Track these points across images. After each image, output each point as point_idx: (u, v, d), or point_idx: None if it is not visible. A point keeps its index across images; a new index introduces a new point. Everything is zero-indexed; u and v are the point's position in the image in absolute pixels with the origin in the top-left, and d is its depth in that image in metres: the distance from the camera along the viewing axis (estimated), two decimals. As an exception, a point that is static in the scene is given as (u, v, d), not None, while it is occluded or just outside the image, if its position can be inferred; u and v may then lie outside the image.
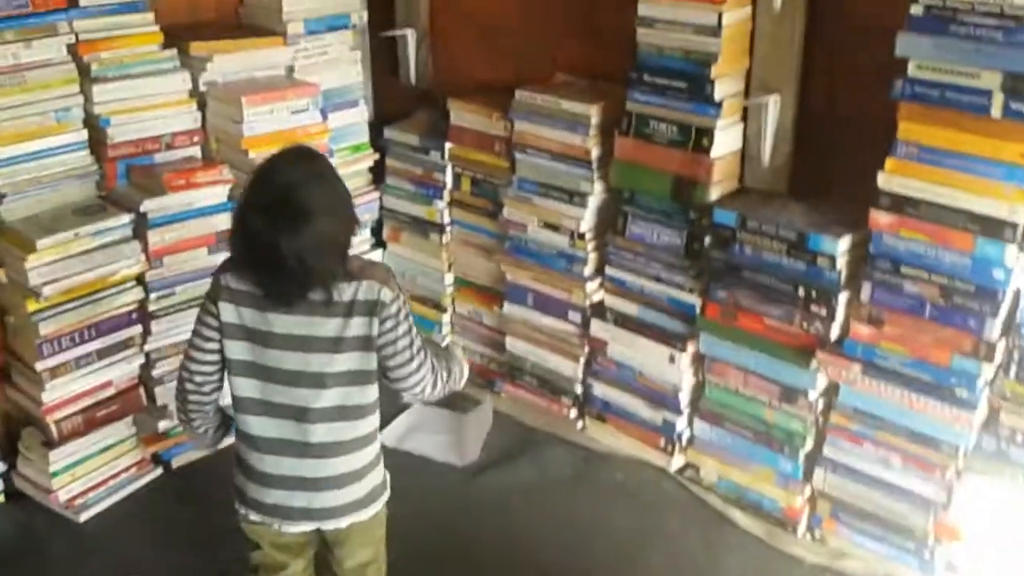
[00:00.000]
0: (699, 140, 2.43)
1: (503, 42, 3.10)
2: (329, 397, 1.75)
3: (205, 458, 2.81)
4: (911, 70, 2.02)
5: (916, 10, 2.00)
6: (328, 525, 1.85)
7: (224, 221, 2.72)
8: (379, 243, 3.33)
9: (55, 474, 2.59)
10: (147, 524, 2.61)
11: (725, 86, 2.40)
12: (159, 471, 2.79)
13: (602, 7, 2.82)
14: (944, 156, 2.05)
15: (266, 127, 2.75)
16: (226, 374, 1.81)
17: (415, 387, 1.82)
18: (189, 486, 2.75)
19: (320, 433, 1.76)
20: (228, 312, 1.75)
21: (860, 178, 2.32)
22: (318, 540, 1.94)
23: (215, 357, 1.79)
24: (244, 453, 1.84)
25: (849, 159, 2.42)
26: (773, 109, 2.39)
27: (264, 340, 1.74)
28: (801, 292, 2.31)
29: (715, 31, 2.32)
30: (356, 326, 1.72)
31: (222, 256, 2.68)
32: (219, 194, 2.73)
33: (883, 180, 2.13)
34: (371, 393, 1.80)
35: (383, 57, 3.30)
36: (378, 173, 3.25)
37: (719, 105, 2.39)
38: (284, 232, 1.61)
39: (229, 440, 1.93)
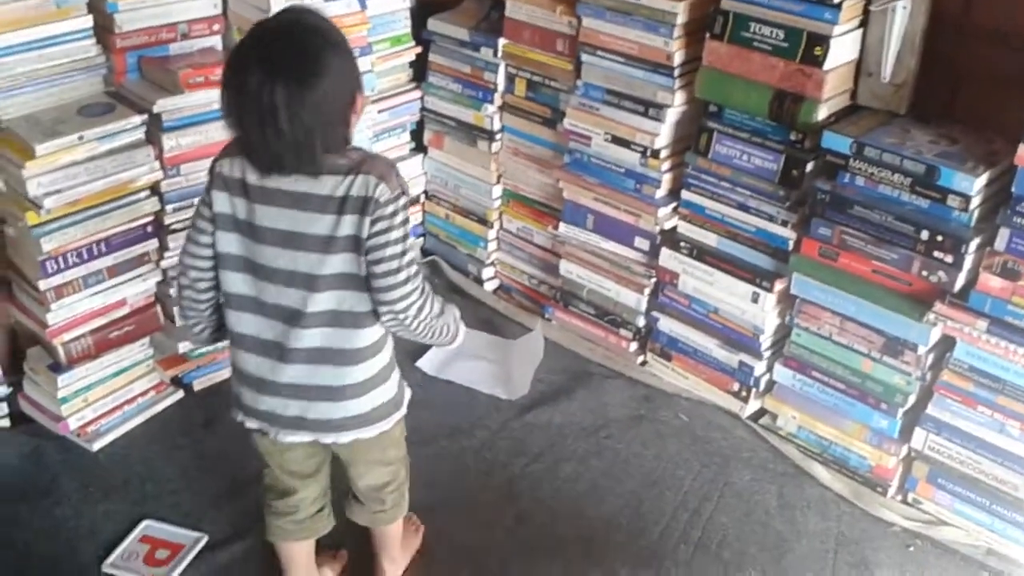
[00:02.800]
0: (810, 48, 2.07)
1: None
2: (322, 301, 1.58)
3: (229, 381, 2.59)
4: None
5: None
6: (326, 439, 1.71)
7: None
8: (419, 147, 3.00)
9: (64, 400, 2.35)
10: (167, 450, 2.38)
11: (846, -14, 2.03)
12: (180, 394, 2.55)
13: None
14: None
15: (298, 15, 2.38)
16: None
17: (398, 303, 1.58)
18: (214, 409, 2.49)
19: (313, 339, 1.60)
20: (221, 202, 1.60)
21: (998, 102, 2.00)
22: (327, 462, 1.84)
23: (208, 252, 1.64)
24: (236, 355, 1.70)
25: (985, 79, 2.08)
26: (901, 14, 2.02)
27: (254, 234, 1.58)
28: (924, 235, 1.99)
29: (841, -84, 1.94)
30: (347, 225, 1.54)
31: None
32: (244, 93, 2.39)
33: (1039, 109, 1.79)
34: (368, 300, 1.60)
35: (429, -64, 2.90)
36: (419, 69, 2.89)
37: (838, 7, 2.02)
38: (285, 84, 1.43)
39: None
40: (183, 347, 2.51)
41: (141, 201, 2.31)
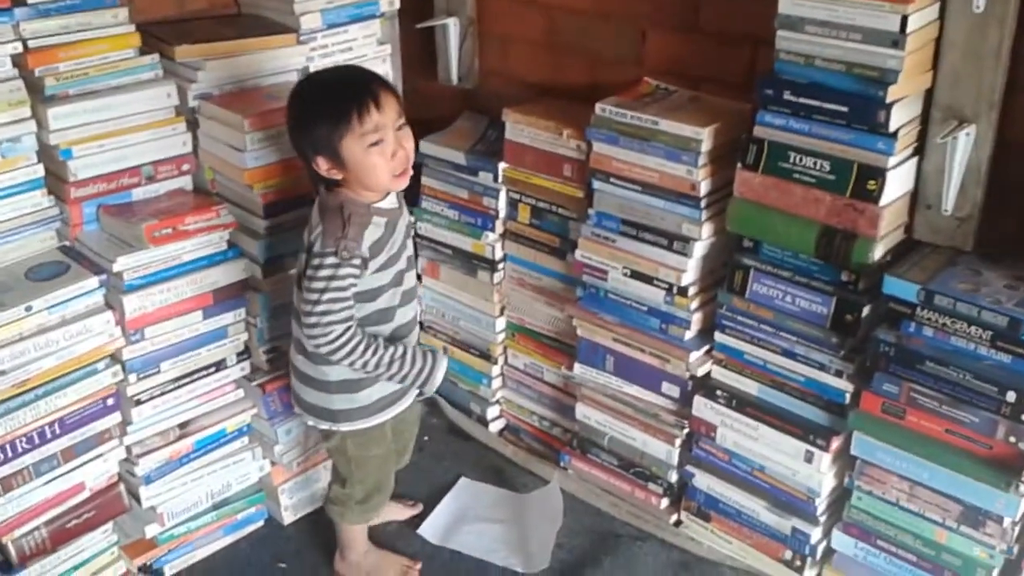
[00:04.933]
0: (862, 182, 1.82)
1: (572, 34, 2.46)
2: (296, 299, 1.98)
3: (205, 561, 2.32)
4: None
5: None
6: (296, 408, 2.11)
7: (223, 275, 2.15)
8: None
9: (17, 604, 2.04)
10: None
11: (902, 112, 1.78)
12: (150, 583, 2.24)
13: (707, -10, 2.20)
14: None
15: (275, 155, 2.13)
16: None
17: (304, 330, 1.88)
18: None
19: (295, 327, 1.99)
20: None
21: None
22: None
23: None
24: None
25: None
26: (965, 141, 1.78)
27: None
28: (1010, 396, 1.72)
29: (896, 40, 1.69)
30: (309, 249, 1.90)
31: (218, 319, 2.18)
32: (215, 242, 2.12)
33: None
34: None
35: (418, 52, 2.66)
36: (411, 194, 2.63)
37: (893, 136, 1.78)
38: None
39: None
40: (151, 531, 2.20)
41: (100, 372, 2.03)
